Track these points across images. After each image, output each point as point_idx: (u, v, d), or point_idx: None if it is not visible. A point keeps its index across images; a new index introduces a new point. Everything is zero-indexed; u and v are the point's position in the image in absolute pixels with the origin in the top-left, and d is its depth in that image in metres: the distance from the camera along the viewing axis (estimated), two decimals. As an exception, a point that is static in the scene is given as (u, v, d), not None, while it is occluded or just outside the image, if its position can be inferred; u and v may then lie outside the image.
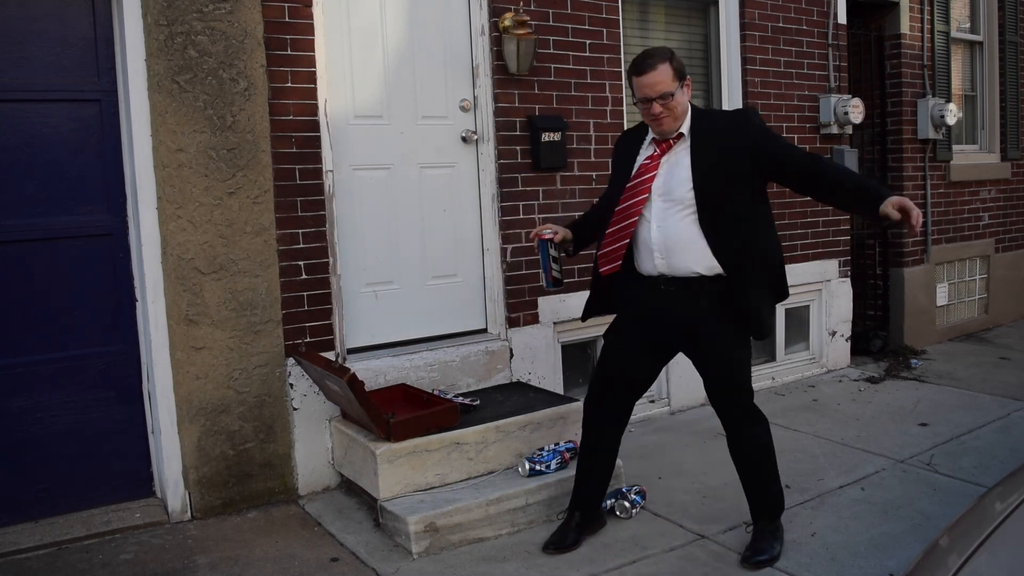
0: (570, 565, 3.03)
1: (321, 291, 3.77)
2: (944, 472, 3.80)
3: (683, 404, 4.91)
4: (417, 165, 4.09)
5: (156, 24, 3.32)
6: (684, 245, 2.84)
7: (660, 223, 2.86)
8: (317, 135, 3.72)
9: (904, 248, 6.25)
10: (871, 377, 5.47)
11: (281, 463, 3.68)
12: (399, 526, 3.19)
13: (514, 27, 4.05)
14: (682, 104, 2.83)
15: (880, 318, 6.35)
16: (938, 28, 6.28)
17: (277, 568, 3.07)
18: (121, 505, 3.51)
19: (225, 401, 3.54)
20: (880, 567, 2.94)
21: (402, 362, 3.94)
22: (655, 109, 2.80)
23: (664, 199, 2.86)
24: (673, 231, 2.84)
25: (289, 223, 3.67)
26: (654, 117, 2.83)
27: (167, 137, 3.38)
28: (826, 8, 5.45)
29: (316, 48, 3.70)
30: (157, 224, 3.39)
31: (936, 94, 6.24)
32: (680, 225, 2.83)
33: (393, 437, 3.34)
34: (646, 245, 2.91)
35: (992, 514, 1.75)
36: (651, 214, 2.89)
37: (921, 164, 6.30)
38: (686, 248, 2.84)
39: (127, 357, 3.52)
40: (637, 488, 3.51)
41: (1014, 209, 7.23)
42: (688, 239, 2.83)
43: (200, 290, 3.46)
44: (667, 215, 2.85)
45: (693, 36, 5.13)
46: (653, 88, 2.78)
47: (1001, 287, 7.13)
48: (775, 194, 5.23)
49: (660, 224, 2.86)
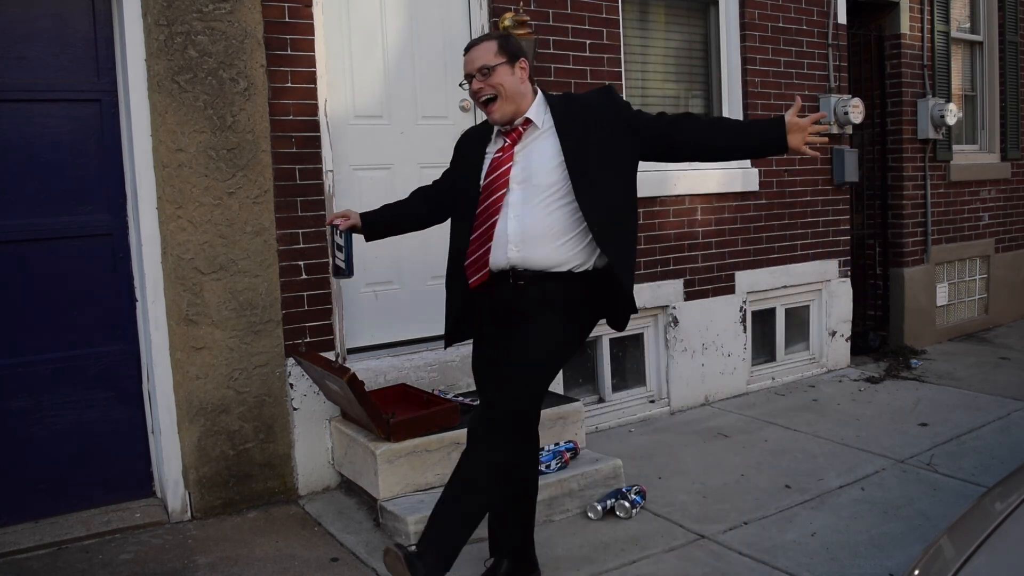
0: (570, 565, 3.03)
1: (321, 291, 3.77)
2: (944, 472, 3.80)
3: (683, 404, 4.91)
4: (417, 165, 4.09)
5: (156, 24, 3.32)
6: (545, 233, 2.57)
7: (518, 212, 2.59)
8: (317, 135, 3.72)
9: (904, 248, 6.25)
10: (871, 377, 5.47)
11: (281, 463, 3.68)
12: (399, 526, 3.19)
13: (514, 27, 4.05)
14: (509, 84, 2.59)
15: (880, 318, 6.35)
16: (938, 28, 6.29)
17: (277, 568, 3.07)
18: (121, 505, 3.51)
19: (225, 401, 3.54)
20: (880, 567, 2.94)
21: (402, 362, 3.94)
22: (474, 84, 2.62)
23: (524, 186, 2.60)
24: (533, 219, 2.57)
25: (289, 223, 3.67)
26: (476, 94, 2.62)
27: (167, 137, 3.38)
28: (826, 8, 5.45)
29: (316, 48, 3.71)
30: (157, 224, 3.39)
31: (936, 94, 6.24)
32: (542, 212, 2.57)
33: (393, 437, 3.34)
34: (500, 238, 2.61)
35: (992, 514, 1.75)
36: (507, 205, 2.61)
37: (921, 164, 6.30)
38: (547, 237, 2.57)
39: (127, 357, 3.52)
40: (637, 488, 3.51)
41: (1014, 209, 7.23)
42: (550, 227, 2.57)
43: (200, 290, 3.46)
44: (527, 203, 2.59)
45: (693, 36, 5.13)
46: (472, 63, 2.62)
47: (1001, 287, 7.13)
48: (773, 194, 5.27)
49: (518, 213, 2.59)
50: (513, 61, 2.62)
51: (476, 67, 2.62)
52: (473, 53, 2.65)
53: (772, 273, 5.29)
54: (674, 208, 4.81)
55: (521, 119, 2.65)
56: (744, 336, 5.18)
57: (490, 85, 2.60)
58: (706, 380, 5.00)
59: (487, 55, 2.61)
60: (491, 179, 2.66)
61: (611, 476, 3.58)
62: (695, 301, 4.92)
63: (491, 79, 2.60)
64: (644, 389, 4.85)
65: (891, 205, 6.30)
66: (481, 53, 2.63)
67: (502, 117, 2.63)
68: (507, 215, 2.61)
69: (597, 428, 4.52)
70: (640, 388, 4.84)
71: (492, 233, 2.62)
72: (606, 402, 4.68)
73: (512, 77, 2.61)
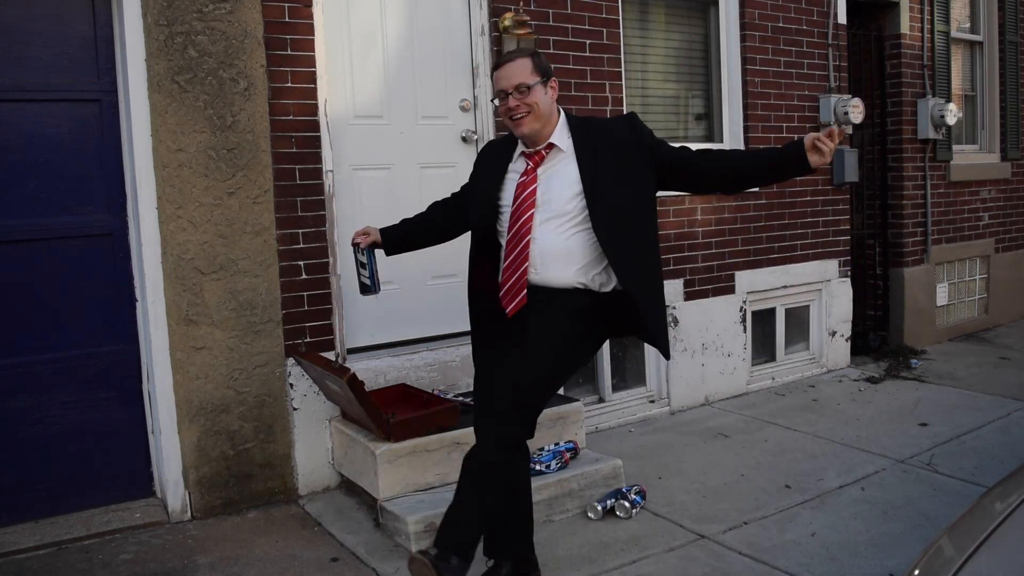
0: (570, 565, 3.03)
1: (321, 291, 3.77)
2: (944, 472, 3.80)
3: (683, 404, 4.91)
4: (417, 165, 4.09)
5: (156, 24, 3.32)
6: (565, 258, 2.64)
7: (537, 236, 2.65)
8: (317, 135, 3.73)
9: (904, 248, 6.25)
10: (871, 377, 5.47)
11: (281, 463, 3.68)
12: (399, 526, 3.19)
13: (514, 27, 4.05)
14: (543, 103, 2.63)
15: (880, 318, 6.35)
16: (938, 28, 6.29)
17: (277, 568, 3.07)
18: (121, 505, 3.51)
19: (225, 401, 3.54)
20: (880, 567, 2.94)
21: (402, 362, 3.94)
22: (511, 102, 2.62)
23: (543, 210, 2.65)
24: (550, 243, 2.64)
25: (289, 223, 3.67)
26: (510, 112, 2.64)
27: (167, 137, 3.38)
28: (826, 8, 5.45)
29: (316, 48, 3.71)
30: (157, 224, 3.39)
31: (936, 94, 6.24)
32: (561, 237, 2.63)
33: (393, 437, 3.34)
34: None
35: (992, 514, 1.75)
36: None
37: (921, 164, 6.30)
38: (566, 261, 2.64)
39: (127, 357, 3.52)
40: (637, 488, 3.51)
41: (1014, 209, 7.23)
42: (568, 252, 2.63)
43: (200, 290, 3.46)
44: (545, 226, 2.64)
45: (693, 36, 5.13)
46: (509, 80, 2.63)
47: (1001, 287, 7.13)
48: (773, 194, 5.27)
49: (537, 236, 2.65)
50: (546, 80, 2.67)
51: (512, 84, 2.63)
52: (507, 70, 2.66)
53: (772, 273, 5.29)
54: (674, 208, 4.81)
55: (545, 144, 2.69)
56: (744, 336, 5.18)
57: (526, 104, 2.62)
58: (706, 380, 5.00)
59: (523, 73, 2.63)
60: (519, 203, 2.68)
61: (611, 476, 3.58)
62: (695, 301, 4.92)
63: (528, 98, 2.62)
64: (644, 389, 4.85)
65: (891, 205, 6.30)
66: (516, 71, 2.64)
67: (529, 131, 2.66)
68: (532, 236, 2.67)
69: (597, 428, 4.52)
70: (640, 388, 4.84)
71: (526, 256, 2.67)
72: (606, 402, 4.68)
73: (545, 97, 2.65)
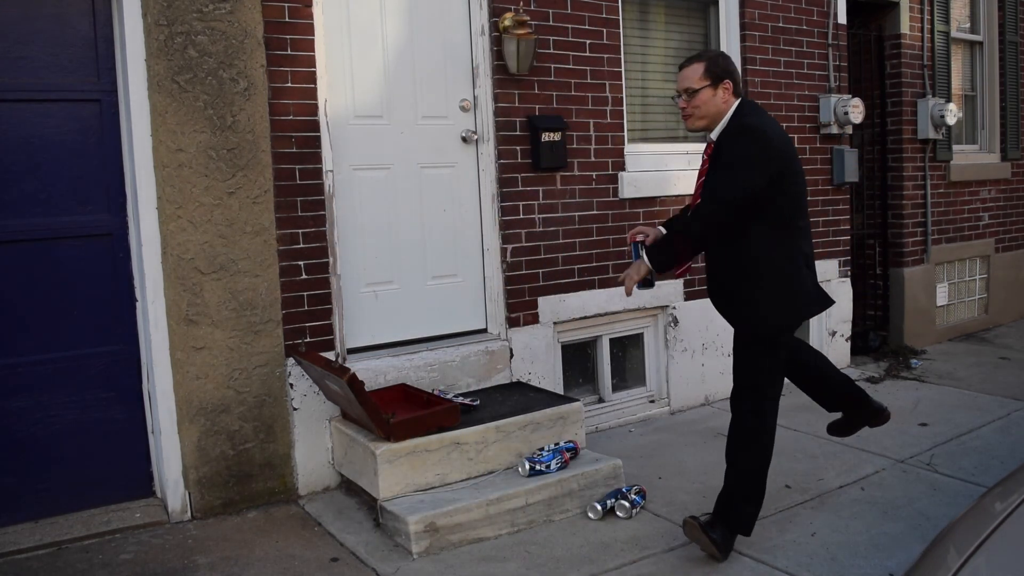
0: (570, 565, 3.03)
1: (321, 291, 3.77)
2: (944, 472, 3.80)
3: (683, 404, 4.91)
4: (417, 165, 4.09)
5: (156, 24, 3.32)
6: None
7: None
8: (317, 135, 3.73)
9: (904, 248, 6.25)
10: (871, 377, 5.47)
11: (281, 463, 3.68)
12: (399, 526, 3.19)
13: (514, 27, 4.05)
14: (709, 104, 2.94)
15: (880, 318, 6.35)
16: (938, 28, 6.29)
17: (277, 568, 3.07)
18: (121, 505, 3.51)
19: (225, 401, 3.54)
20: (880, 567, 2.94)
21: (402, 362, 3.94)
22: (680, 103, 3.01)
23: None
24: None
25: (289, 223, 3.67)
26: (681, 110, 3.02)
27: (167, 137, 3.38)
28: (826, 8, 5.45)
29: (316, 48, 3.71)
30: (157, 224, 3.39)
31: (936, 94, 6.24)
32: None
33: (393, 437, 3.34)
34: None
35: (992, 514, 1.75)
36: None
37: (921, 164, 6.30)
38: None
39: (127, 357, 3.52)
40: (637, 488, 3.51)
41: (1014, 209, 7.23)
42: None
43: (200, 290, 3.46)
44: None
45: (693, 36, 5.13)
46: (680, 83, 3.00)
47: (1001, 287, 7.13)
48: (775, 194, 5.26)
49: None
50: (717, 83, 2.94)
51: (683, 87, 2.98)
52: (682, 73, 3.01)
53: (772, 273, 5.28)
54: (674, 208, 4.80)
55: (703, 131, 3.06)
56: (744, 336, 5.17)
57: (692, 105, 2.97)
58: (706, 380, 5.00)
59: (693, 77, 2.96)
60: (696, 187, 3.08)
61: (611, 476, 3.58)
62: (695, 301, 4.91)
63: (693, 100, 2.96)
64: (644, 389, 4.85)
65: (891, 205, 6.30)
66: (688, 75, 2.97)
67: (692, 128, 3.05)
68: None
69: (597, 428, 4.52)
70: (640, 388, 4.84)
71: None
72: (606, 402, 4.68)
73: (714, 99, 2.95)
